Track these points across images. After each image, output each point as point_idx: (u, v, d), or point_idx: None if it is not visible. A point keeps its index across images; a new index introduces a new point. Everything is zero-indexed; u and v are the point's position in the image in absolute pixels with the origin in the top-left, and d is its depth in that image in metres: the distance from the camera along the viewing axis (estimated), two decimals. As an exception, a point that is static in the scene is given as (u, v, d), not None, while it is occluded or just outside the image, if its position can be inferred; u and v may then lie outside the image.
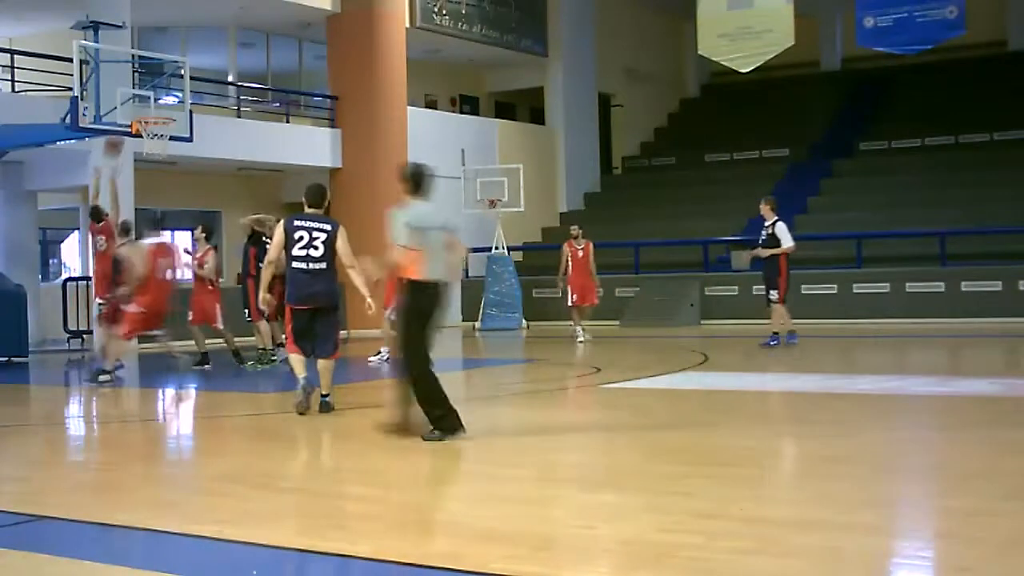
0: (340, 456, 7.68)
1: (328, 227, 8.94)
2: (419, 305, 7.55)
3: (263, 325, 13.91)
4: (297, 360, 9.06)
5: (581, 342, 16.80)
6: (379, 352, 14.17)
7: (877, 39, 19.35)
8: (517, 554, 4.59)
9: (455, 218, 8.53)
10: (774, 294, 15.24)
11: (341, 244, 8.93)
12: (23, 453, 8.23)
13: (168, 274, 13.08)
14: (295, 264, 8.85)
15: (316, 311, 8.97)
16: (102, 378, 12.04)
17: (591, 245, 17.43)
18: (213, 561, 4.83)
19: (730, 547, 4.64)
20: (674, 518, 5.20)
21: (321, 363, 9.07)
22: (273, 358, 13.77)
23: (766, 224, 15.27)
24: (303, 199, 9.10)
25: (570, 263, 17.27)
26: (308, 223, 8.88)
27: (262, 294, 9.48)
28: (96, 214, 15.11)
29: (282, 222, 9.05)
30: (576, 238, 17.38)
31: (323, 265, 8.86)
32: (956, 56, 28.22)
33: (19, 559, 4.78)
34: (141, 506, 5.91)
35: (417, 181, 7.69)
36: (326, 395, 9.10)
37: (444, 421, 7.60)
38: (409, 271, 7.53)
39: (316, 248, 8.81)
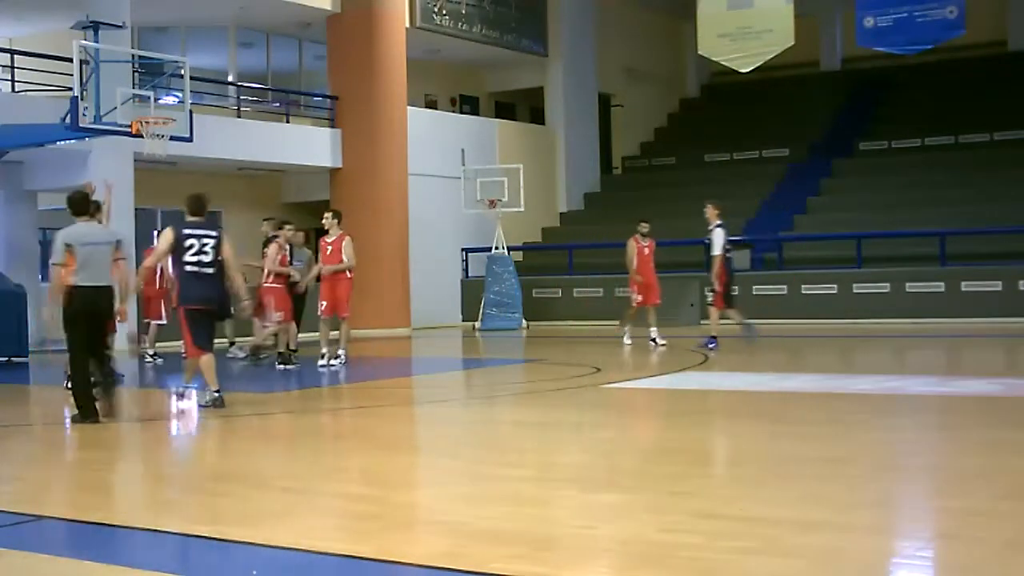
0: (340, 456, 7.68)
1: (214, 233, 9.75)
2: (74, 307, 8.88)
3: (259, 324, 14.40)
4: (208, 362, 9.61)
5: (663, 345, 15.64)
6: (323, 354, 13.86)
7: (877, 39, 19.33)
8: (517, 554, 4.59)
9: (122, 234, 9.91)
10: (711, 296, 15.05)
11: (228, 249, 9.77)
12: (23, 453, 8.23)
13: None
14: (188, 268, 9.54)
15: (208, 312, 9.66)
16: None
17: (654, 243, 16.43)
18: (213, 561, 4.83)
19: (730, 547, 4.64)
20: (674, 518, 5.20)
21: (204, 359, 9.59)
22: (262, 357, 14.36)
23: (709, 228, 15.18)
24: (184, 208, 9.79)
25: (635, 260, 16.13)
26: (197, 231, 9.60)
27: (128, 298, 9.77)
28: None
29: (171, 230, 9.60)
30: (644, 235, 16.18)
31: (212, 270, 9.59)
32: (956, 56, 28.22)
33: (19, 559, 4.78)
34: (141, 506, 5.91)
35: (76, 205, 9.20)
36: (218, 390, 9.60)
37: (84, 410, 8.88)
38: (67, 280, 8.87)
39: (206, 254, 9.54)
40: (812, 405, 9.65)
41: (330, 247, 13.72)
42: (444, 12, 24.34)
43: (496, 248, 22.97)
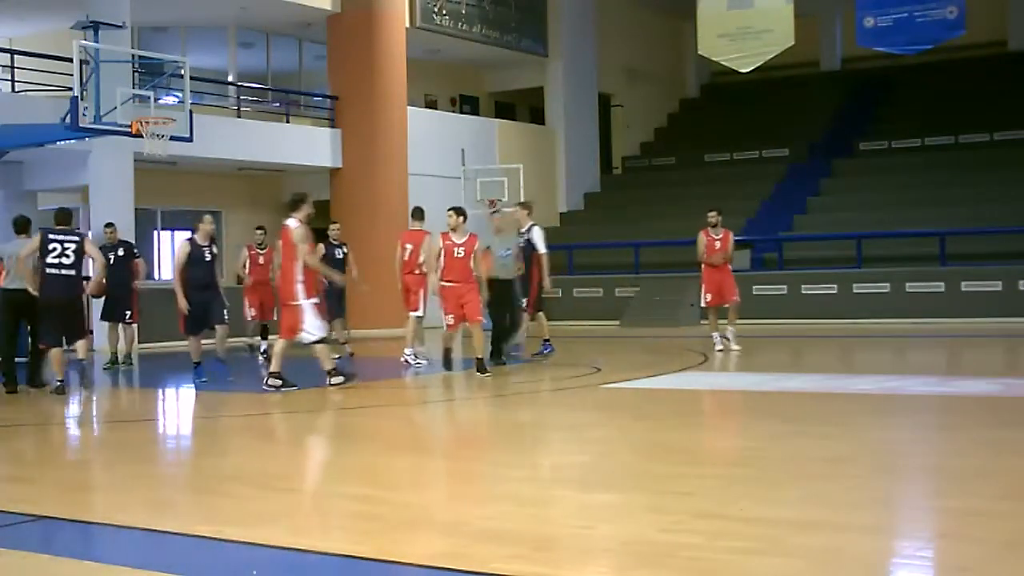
0: (340, 456, 7.68)
1: (77, 239, 11.02)
2: (6, 303, 11.02)
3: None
4: (57, 354, 11.12)
5: (720, 350, 14.50)
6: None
7: (877, 39, 19.34)
8: (517, 554, 4.59)
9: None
10: (523, 302, 14.35)
11: (91, 249, 11.20)
12: (23, 453, 8.23)
13: None
14: (50, 271, 10.82)
15: (64, 309, 10.91)
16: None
17: (730, 235, 15.01)
18: (213, 561, 4.83)
19: (730, 547, 4.64)
20: (674, 518, 5.19)
21: (54, 352, 11.12)
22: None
23: (522, 230, 14.25)
24: (53, 219, 11.19)
25: (705, 255, 14.78)
26: (60, 236, 10.90)
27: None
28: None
29: (39, 234, 10.96)
30: (714, 226, 14.76)
31: (72, 272, 10.92)
32: (956, 56, 28.23)
33: (19, 559, 4.77)
34: (141, 506, 5.90)
35: (18, 226, 11.36)
36: (62, 380, 11.04)
37: (7, 378, 11.26)
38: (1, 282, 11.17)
39: (68, 257, 10.82)
40: (812, 405, 9.64)
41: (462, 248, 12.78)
42: (444, 12, 24.34)
43: (496, 248, 22.95)
